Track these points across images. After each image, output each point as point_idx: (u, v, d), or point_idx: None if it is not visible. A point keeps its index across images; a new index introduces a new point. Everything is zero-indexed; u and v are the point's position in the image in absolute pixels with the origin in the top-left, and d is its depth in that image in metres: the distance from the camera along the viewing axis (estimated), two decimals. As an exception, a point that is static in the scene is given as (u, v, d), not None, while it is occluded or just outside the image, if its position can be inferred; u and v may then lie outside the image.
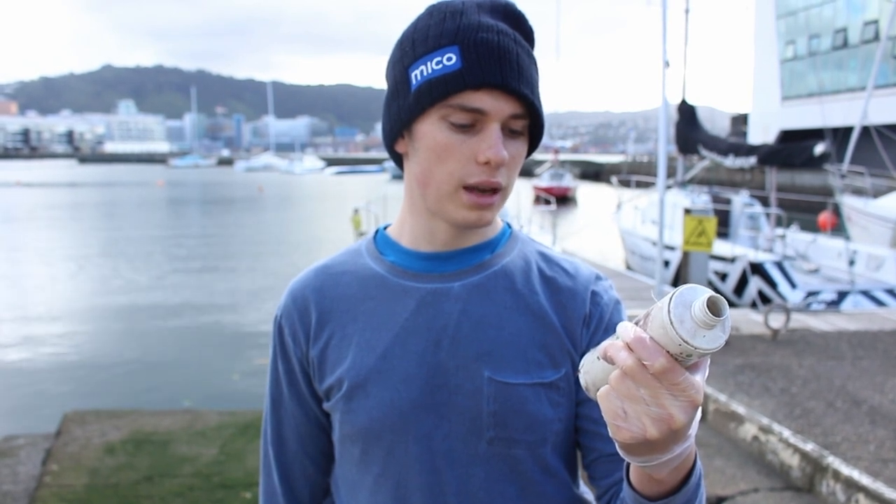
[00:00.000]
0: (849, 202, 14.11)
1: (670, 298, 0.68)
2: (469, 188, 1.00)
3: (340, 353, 1.10)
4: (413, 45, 1.02)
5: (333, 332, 1.11)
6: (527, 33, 1.04)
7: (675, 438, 0.75)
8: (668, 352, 0.69)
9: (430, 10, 1.03)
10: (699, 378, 0.73)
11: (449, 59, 0.97)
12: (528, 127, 1.04)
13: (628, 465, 0.89)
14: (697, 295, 0.68)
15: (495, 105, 0.97)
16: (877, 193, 14.77)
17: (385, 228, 1.19)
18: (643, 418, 0.73)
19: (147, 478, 4.56)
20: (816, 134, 14.45)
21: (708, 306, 0.66)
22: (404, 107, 1.02)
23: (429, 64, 0.99)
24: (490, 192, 1.01)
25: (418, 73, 1.00)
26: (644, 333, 0.71)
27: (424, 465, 1.06)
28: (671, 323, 0.67)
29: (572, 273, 1.13)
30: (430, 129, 1.00)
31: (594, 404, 1.06)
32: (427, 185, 1.03)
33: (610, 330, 1.10)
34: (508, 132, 1.01)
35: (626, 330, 0.72)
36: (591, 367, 0.80)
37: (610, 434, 0.77)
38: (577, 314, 1.10)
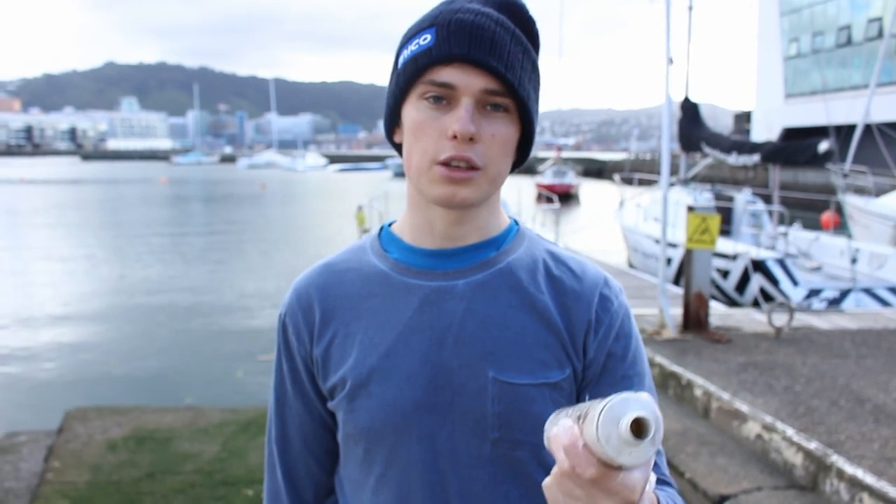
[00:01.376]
0: (851, 201, 14.09)
1: (600, 412, 0.69)
2: (442, 164, 1.00)
3: (344, 351, 1.09)
4: (405, 35, 1.05)
5: (337, 330, 1.10)
6: (524, 24, 1.03)
7: None
8: (599, 459, 0.70)
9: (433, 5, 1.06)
10: (637, 475, 0.72)
11: (424, 38, 1.00)
12: (516, 109, 1.02)
13: None
14: (627, 411, 0.69)
15: (464, 79, 0.98)
16: (879, 192, 14.74)
17: (390, 225, 1.18)
18: None
19: (149, 475, 4.56)
20: (820, 131, 14.43)
21: (632, 428, 0.68)
22: (392, 91, 1.05)
23: (409, 46, 1.02)
24: (465, 168, 0.99)
25: (402, 58, 1.03)
26: (579, 439, 0.71)
27: (427, 465, 1.05)
28: (598, 440, 0.69)
29: (579, 274, 1.11)
30: (410, 110, 1.02)
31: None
32: (409, 165, 1.04)
33: (621, 338, 1.09)
34: (487, 109, 1.00)
35: (563, 432, 0.73)
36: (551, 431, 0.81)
37: None
38: (581, 318, 1.08)
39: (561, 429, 0.74)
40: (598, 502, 0.72)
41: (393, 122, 1.08)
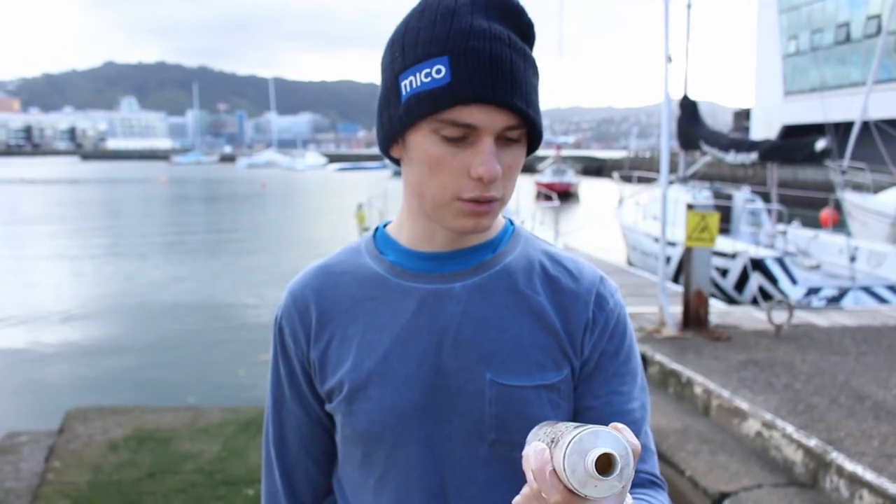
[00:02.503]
0: (849, 198, 14.09)
1: (569, 442, 0.69)
2: (463, 200, 0.99)
3: (341, 354, 1.09)
4: (403, 51, 0.98)
5: (334, 332, 1.10)
6: (525, 29, 0.99)
7: None
8: (565, 487, 0.70)
9: (423, 9, 0.99)
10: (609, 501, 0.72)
11: (438, 71, 0.94)
12: (527, 134, 1.01)
13: None
14: (595, 445, 0.69)
15: (487, 119, 0.94)
16: (877, 189, 14.74)
17: (385, 226, 1.17)
18: None
19: (150, 475, 4.56)
20: (819, 129, 14.42)
21: (599, 464, 0.68)
22: (395, 117, 1.00)
23: (417, 75, 0.95)
24: (486, 202, 0.99)
25: (408, 84, 0.97)
26: (548, 464, 0.71)
27: (427, 467, 1.06)
28: (564, 469, 0.69)
29: (576, 274, 1.12)
30: (422, 142, 0.98)
31: (591, 415, 1.09)
32: (422, 195, 1.02)
33: (615, 337, 1.10)
34: (504, 141, 0.98)
35: (534, 455, 0.73)
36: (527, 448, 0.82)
37: None
38: (579, 318, 1.09)
39: (532, 451, 0.74)
40: None
41: (392, 141, 1.04)
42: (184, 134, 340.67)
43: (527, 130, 1.00)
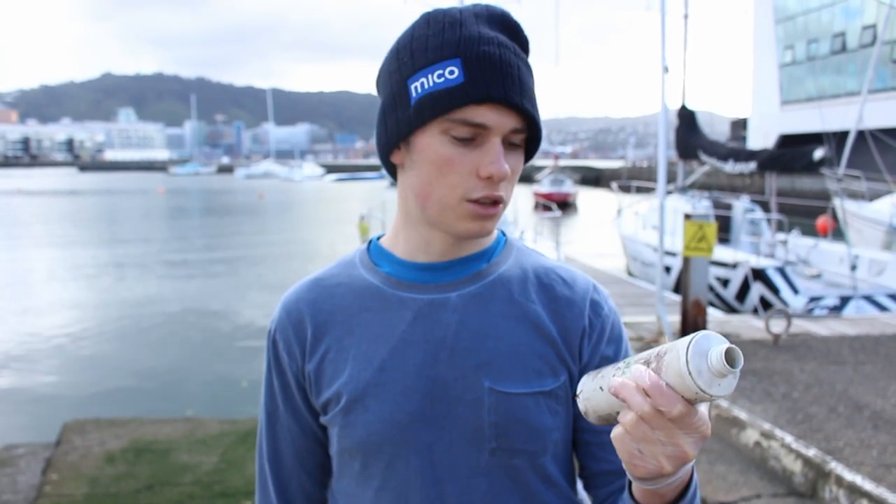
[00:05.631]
0: (845, 206, 14.12)
1: (687, 347, 0.72)
2: (471, 201, 1.00)
3: (337, 366, 1.09)
4: (412, 56, 1.00)
5: (330, 345, 1.10)
6: (523, 43, 1.04)
7: (684, 465, 0.81)
8: (683, 397, 0.74)
9: (427, 20, 1.02)
10: (704, 410, 0.78)
11: (451, 72, 0.97)
12: (525, 140, 1.04)
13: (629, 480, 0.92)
14: (712, 344, 0.73)
15: (498, 120, 0.97)
16: (873, 197, 14.78)
17: (378, 239, 1.18)
18: (659, 457, 0.79)
19: (147, 486, 4.55)
20: (815, 138, 14.45)
21: (726, 359, 0.71)
22: (403, 119, 1.01)
23: (430, 76, 0.98)
24: (491, 205, 1.01)
25: (418, 86, 0.99)
26: (660, 380, 0.75)
27: (426, 478, 1.06)
28: (689, 374, 0.72)
29: (569, 282, 1.13)
30: (431, 142, 0.99)
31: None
32: (428, 197, 1.02)
33: (613, 342, 1.11)
34: (508, 145, 1.01)
35: (641, 375, 0.77)
36: (592, 395, 0.86)
37: (626, 471, 0.83)
38: (576, 324, 1.10)
39: (635, 374, 0.78)
40: (678, 440, 0.77)
41: (394, 145, 1.05)
42: (182, 145, 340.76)
43: (526, 137, 1.03)
